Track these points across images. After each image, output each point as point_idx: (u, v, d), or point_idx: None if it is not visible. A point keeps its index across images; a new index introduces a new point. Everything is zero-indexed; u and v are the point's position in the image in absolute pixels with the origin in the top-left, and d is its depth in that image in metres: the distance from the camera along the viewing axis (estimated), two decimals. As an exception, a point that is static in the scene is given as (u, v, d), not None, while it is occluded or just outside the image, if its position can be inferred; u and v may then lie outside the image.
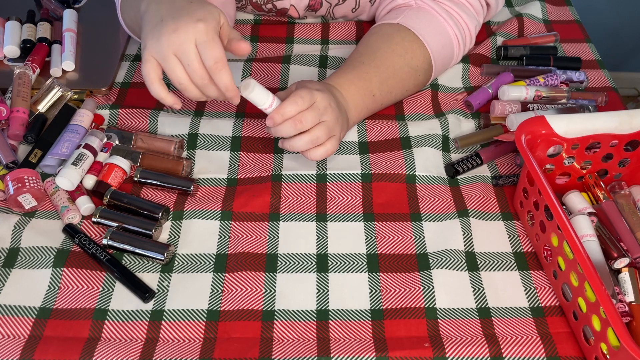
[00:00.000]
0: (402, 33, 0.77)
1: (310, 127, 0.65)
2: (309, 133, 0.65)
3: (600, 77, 0.87)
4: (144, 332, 0.57)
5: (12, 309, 0.58)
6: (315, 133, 0.65)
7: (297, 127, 0.64)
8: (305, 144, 0.66)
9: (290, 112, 0.64)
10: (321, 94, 0.66)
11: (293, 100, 0.63)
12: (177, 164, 0.70)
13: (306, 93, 0.64)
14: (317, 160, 0.68)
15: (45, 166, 0.70)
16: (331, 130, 0.67)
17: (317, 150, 0.67)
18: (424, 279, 0.62)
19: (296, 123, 0.64)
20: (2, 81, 0.79)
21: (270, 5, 0.89)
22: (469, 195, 0.70)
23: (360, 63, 0.75)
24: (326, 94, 0.67)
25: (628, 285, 0.58)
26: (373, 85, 0.74)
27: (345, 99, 0.72)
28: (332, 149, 0.68)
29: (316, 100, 0.65)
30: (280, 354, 0.56)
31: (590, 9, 1.66)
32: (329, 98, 0.67)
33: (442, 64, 0.81)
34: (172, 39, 0.58)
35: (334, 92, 0.70)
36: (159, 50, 0.59)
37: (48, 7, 0.91)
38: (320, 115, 0.65)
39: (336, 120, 0.68)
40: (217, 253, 0.64)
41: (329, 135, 0.67)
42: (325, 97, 0.66)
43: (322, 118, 0.66)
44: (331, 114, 0.66)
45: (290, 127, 0.64)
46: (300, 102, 0.64)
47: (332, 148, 0.68)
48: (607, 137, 0.65)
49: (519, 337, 0.58)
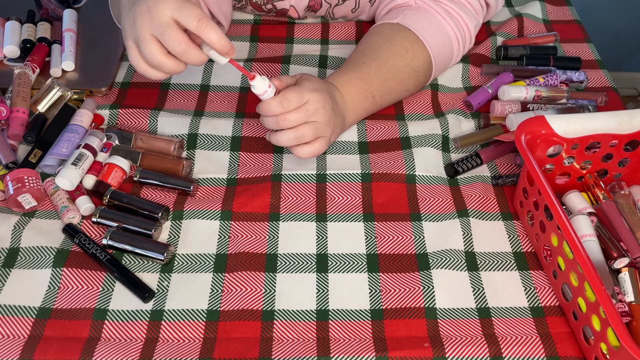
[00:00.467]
0: (402, 33, 0.77)
1: (294, 125, 0.65)
2: (294, 130, 0.66)
3: (600, 77, 0.87)
4: (144, 332, 0.57)
5: (12, 309, 0.58)
6: (301, 131, 0.66)
7: (280, 125, 0.65)
8: (289, 140, 0.66)
9: (275, 111, 0.64)
10: (315, 95, 0.66)
11: (279, 100, 0.64)
12: (177, 164, 0.70)
13: (295, 95, 0.64)
14: (304, 158, 0.69)
15: (45, 166, 0.70)
16: (320, 131, 0.67)
17: (303, 148, 0.67)
18: (424, 279, 0.62)
19: (279, 121, 0.65)
20: (2, 81, 0.79)
21: (270, 5, 0.89)
22: (468, 195, 0.70)
23: (362, 63, 0.75)
24: (322, 94, 0.67)
25: (628, 285, 0.58)
26: (373, 87, 0.74)
27: (344, 100, 0.72)
28: (319, 149, 0.68)
29: (307, 101, 0.65)
30: (280, 354, 0.56)
31: (590, 9, 1.66)
32: (324, 100, 0.67)
33: (442, 64, 0.81)
34: (144, 19, 0.56)
35: (333, 93, 0.70)
36: (135, 33, 0.58)
37: (48, 7, 0.91)
38: (309, 116, 0.66)
39: (327, 122, 0.68)
40: (217, 253, 0.64)
41: (316, 135, 0.67)
42: (319, 98, 0.66)
43: (311, 119, 0.66)
44: (323, 115, 0.67)
45: (273, 123, 0.65)
46: (285, 104, 0.64)
47: (319, 148, 0.68)
48: (606, 137, 0.65)
49: (519, 337, 0.58)
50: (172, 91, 0.82)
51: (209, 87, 0.83)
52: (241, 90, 0.83)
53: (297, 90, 0.65)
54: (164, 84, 0.83)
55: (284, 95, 0.64)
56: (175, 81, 0.83)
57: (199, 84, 0.83)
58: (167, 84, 0.83)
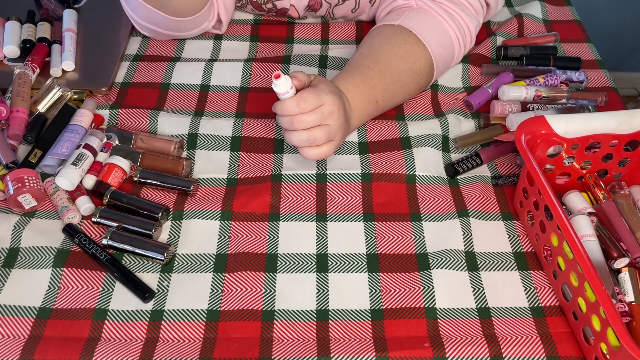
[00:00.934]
0: (404, 35, 0.77)
1: (308, 127, 0.65)
2: (308, 132, 0.65)
3: (600, 77, 0.87)
4: (144, 332, 0.57)
5: (12, 309, 0.58)
6: (314, 133, 0.66)
7: (295, 126, 0.65)
8: (300, 141, 0.66)
9: (291, 111, 0.64)
10: (331, 98, 0.66)
11: (297, 100, 0.64)
12: (177, 164, 0.70)
13: (312, 97, 0.64)
14: (311, 160, 0.69)
15: (45, 166, 0.70)
16: (332, 135, 0.67)
17: (311, 150, 0.67)
18: (424, 279, 0.62)
19: (294, 122, 0.65)
20: (2, 81, 0.79)
21: (270, 5, 0.89)
22: (469, 195, 0.70)
23: (365, 67, 0.75)
24: (338, 99, 0.67)
25: (628, 285, 0.58)
26: (377, 92, 0.74)
27: (350, 104, 0.72)
28: (327, 152, 0.68)
29: (323, 103, 0.65)
30: (280, 354, 0.56)
31: (590, 9, 1.66)
32: (339, 104, 0.67)
33: (444, 65, 0.81)
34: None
35: (343, 98, 0.70)
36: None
37: (48, 7, 0.91)
38: (324, 119, 0.65)
39: (340, 126, 0.68)
40: (217, 253, 0.64)
41: (328, 139, 0.67)
42: (335, 102, 0.66)
43: (326, 122, 0.66)
44: (337, 119, 0.67)
45: (287, 123, 0.65)
46: (302, 105, 0.64)
47: (327, 152, 0.68)
48: (606, 137, 0.65)
49: (519, 337, 0.58)
50: (172, 91, 0.82)
51: (209, 87, 0.83)
52: (241, 90, 0.83)
53: (315, 92, 0.65)
54: (164, 84, 0.83)
55: (301, 96, 0.64)
56: (176, 81, 0.83)
57: (199, 84, 0.83)
58: (167, 84, 0.83)
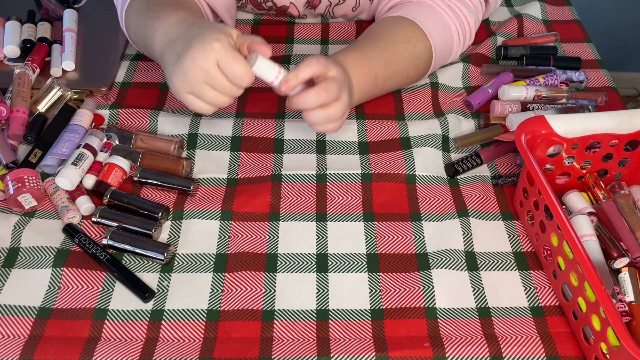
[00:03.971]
0: (404, 23, 0.79)
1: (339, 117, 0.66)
2: (326, 109, 0.65)
3: (600, 77, 0.87)
4: (144, 332, 0.57)
5: (12, 309, 0.58)
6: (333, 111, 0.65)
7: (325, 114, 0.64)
8: (317, 119, 0.65)
9: (313, 103, 0.63)
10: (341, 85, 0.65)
11: (317, 92, 0.63)
12: (177, 163, 0.70)
13: (335, 88, 0.64)
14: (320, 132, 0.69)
15: (45, 166, 0.70)
16: (344, 114, 0.67)
17: (326, 126, 0.66)
18: (424, 279, 0.62)
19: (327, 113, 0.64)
20: (2, 81, 0.79)
21: (270, 3, 0.89)
22: (468, 195, 0.70)
23: (365, 44, 0.76)
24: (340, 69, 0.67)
25: (628, 285, 0.59)
26: (376, 68, 0.75)
27: (349, 77, 0.72)
28: (334, 129, 0.67)
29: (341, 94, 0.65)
30: (280, 353, 0.56)
31: (590, 9, 1.66)
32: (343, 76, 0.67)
33: (442, 55, 0.81)
34: (196, 71, 0.59)
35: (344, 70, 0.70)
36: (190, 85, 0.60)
37: (48, 7, 0.91)
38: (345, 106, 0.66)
39: (348, 106, 0.68)
40: (217, 253, 0.64)
41: (342, 118, 0.67)
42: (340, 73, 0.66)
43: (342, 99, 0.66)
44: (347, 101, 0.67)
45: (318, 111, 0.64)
46: (324, 96, 0.63)
47: (334, 129, 0.67)
48: (606, 137, 0.65)
49: (519, 337, 0.58)
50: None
51: (209, 87, 0.83)
52: (241, 90, 0.83)
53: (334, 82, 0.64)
54: (164, 83, 0.83)
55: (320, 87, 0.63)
56: (175, 81, 0.83)
57: (199, 84, 0.83)
58: (167, 83, 0.83)
